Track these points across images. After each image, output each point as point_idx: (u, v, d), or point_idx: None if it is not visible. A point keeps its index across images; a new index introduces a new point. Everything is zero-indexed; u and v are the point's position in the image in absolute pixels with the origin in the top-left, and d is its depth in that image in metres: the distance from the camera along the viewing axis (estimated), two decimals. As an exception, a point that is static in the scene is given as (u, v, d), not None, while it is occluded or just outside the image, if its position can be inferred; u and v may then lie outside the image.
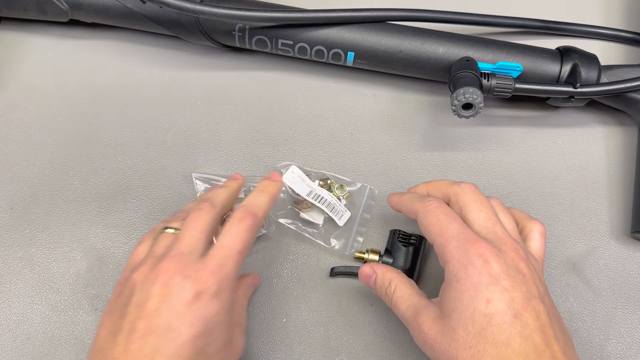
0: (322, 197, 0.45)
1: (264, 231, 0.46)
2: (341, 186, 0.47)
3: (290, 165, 0.47)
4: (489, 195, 0.49)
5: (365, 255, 0.44)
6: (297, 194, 0.45)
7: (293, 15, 0.48)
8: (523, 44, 0.50)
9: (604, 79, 0.48)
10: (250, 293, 0.42)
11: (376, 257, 0.44)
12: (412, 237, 0.44)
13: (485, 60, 0.48)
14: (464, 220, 0.37)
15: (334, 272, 0.45)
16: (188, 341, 0.31)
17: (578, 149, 0.51)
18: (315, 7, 0.49)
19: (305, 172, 0.47)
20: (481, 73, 0.46)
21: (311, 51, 0.50)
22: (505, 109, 0.53)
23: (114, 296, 0.35)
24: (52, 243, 0.46)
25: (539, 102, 0.52)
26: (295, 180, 0.45)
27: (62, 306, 0.44)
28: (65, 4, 0.51)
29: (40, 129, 0.51)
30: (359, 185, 0.48)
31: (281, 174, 0.44)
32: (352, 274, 0.44)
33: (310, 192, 0.45)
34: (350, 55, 0.49)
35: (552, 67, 0.48)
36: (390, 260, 0.44)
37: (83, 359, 0.43)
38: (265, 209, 0.38)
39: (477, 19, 0.52)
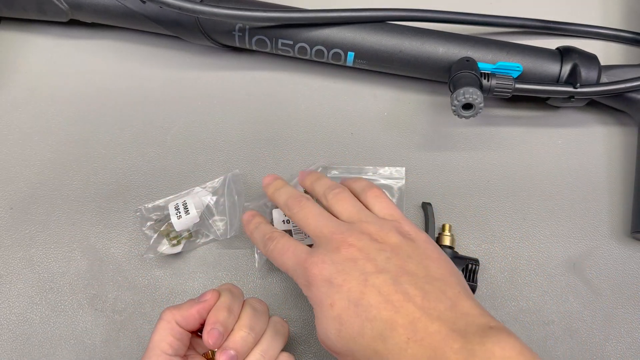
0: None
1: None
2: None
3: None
4: (491, 194, 0.49)
5: None
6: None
7: (293, 15, 0.48)
8: (523, 44, 0.50)
9: (604, 79, 0.48)
10: None
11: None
12: (470, 262, 0.44)
13: (485, 60, 0.48)
14: None
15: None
16: None
17: (578, 149, 0.51)
18: (315, 7, 0.49)
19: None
20: (481, 73, 0.46)
21: (311, 51, 0.50)
22: (505, 109, 0.53)
23: None
24: (51, 243, 0.46)
25: (539, 102, 0.52)
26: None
27: (62, 306, 0.44)
28: (65, 4, 0.51)
29: (40, 129, 0.51)
30: (221, 177, 0.48)
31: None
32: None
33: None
34: (350, 55, 0.49)
35: (552, 67, 0.48)
36: None
37: (83, 359, 0.43)
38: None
39: (477, 19, 0.52)
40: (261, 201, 0.47)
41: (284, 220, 0.46)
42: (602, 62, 0.48)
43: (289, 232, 0.46)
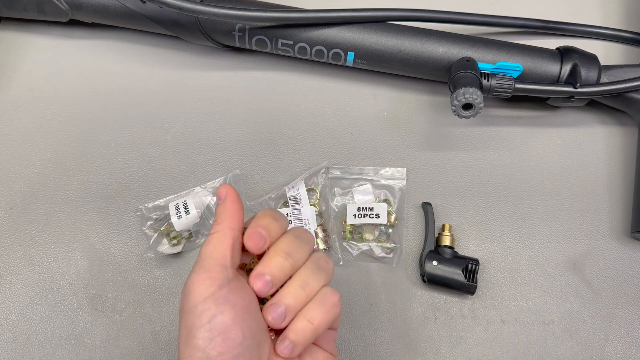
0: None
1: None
2: None
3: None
4: (491, 194, 0.49)
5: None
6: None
7: (293, 15, 0.48)
8: (523, 44, 0.50)
9: (604, 79, 0.48)
10: None
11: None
12: (470, 262, 0.44)
13: (485, 60, 0.48)
14: None
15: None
16: None
17: (578, 149, 0.51)
18: (315, 7, 0.49)
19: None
20: (481, 73, 0.46)
21: (311, 51, 0.50)
22: (505, 109, 0.53)
23: None
24: (52, 243, 0.46)
25: (539, 102, 0.52)
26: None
27: (62, 306, 0.44)
28: (65, 4, 0.51)
29: (40, 129, 0.51)
30: (222, 177, 0.48)
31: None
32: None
33: None
34: (350, 55, 0.49)
35: (552, 67, 0.48)
36: (444, 270, 0.44)
37: (83, 359, 0.43)
38: None
39: (477, 19, 0.52)
40: (261, 199, 0.47)
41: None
42: (602, 62, 0.48)
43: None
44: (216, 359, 0.29)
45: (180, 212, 0.44)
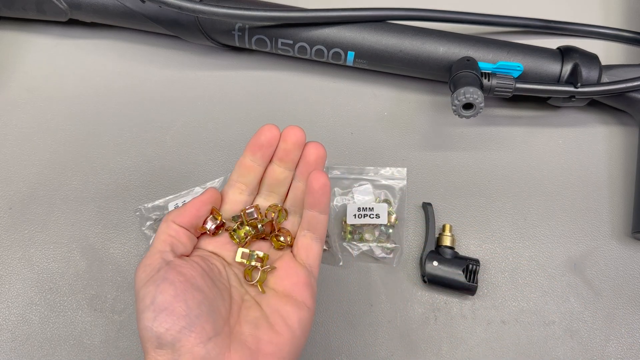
0: None
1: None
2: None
3: None
4: (492, 194, 0.49)
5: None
6: None
7: (293, 15, 0.47)
8: (524, 44, 0.50)
9: (604, 79, 0.48)
10: None
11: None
12: (471, 262, 0.44)
13: (486, 59, 0.48)
14: None
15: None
16: None
17: (579, 149, 0.51)
18: (315, 6, 0.49)
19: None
20: (482, 73, 0.46)
21: (311, 51, 0.50)
22: (506, 108, 0.53)
23: None
24: (51, 243, 0.46)
25: (539, 102, 0.52)
26: None
27: (61, 307, 0.44)
28: (64, 4, 0.50)
29: (40, 129, 0.51)
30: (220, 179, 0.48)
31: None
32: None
33: None
34: (351, 54, 0.49)
35: (553, 67, 0.48)
36: (444, 270, 0.44)
37: (82, 359, 0.43)
38: None
39: (478, 19, 0.52)
40: None
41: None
42: (603, 62, 0.48)
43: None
44: (165, 336, 0.30)
45: (179, 212, 0.44)
